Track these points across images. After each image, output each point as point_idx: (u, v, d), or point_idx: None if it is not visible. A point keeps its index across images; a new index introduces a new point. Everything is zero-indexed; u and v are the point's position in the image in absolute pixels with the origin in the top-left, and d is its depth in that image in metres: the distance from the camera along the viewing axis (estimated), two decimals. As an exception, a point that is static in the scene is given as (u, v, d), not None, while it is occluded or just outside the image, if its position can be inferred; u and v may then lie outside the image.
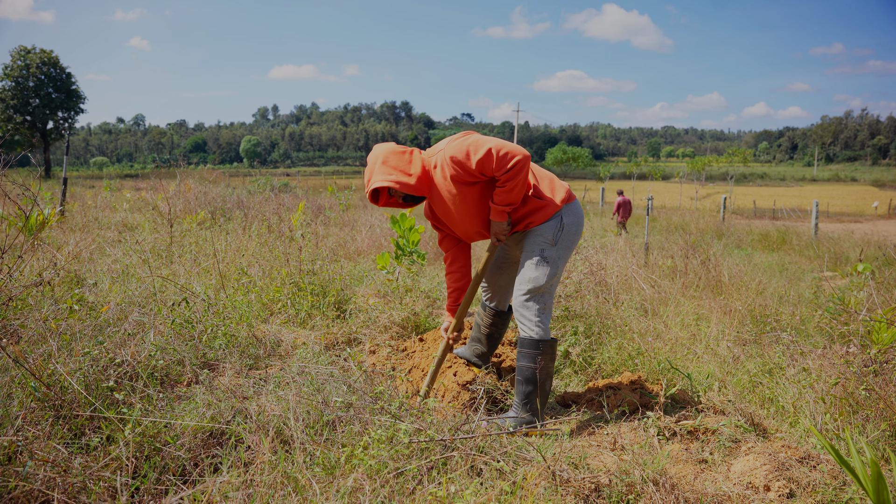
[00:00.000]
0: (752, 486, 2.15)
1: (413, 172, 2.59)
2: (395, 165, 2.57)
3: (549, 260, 2.61)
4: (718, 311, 4.19)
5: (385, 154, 2.60)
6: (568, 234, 2.63)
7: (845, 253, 9.41)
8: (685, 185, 47.10)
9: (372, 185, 2.56)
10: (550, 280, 2.61)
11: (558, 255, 2.62)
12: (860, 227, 18.32)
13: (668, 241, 8.46)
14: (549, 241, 2.61)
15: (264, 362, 3.00)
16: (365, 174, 2.66)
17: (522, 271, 2.64)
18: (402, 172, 2.57)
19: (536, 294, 2.61)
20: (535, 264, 2.61)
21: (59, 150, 48.22)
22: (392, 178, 2.54)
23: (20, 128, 43.23)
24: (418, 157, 2.65)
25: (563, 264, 2.67)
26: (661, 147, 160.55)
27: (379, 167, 2.57)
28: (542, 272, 2.60)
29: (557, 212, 2.62)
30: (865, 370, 2.67)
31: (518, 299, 2.65)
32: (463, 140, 2.54)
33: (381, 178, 2.55)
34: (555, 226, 2.61)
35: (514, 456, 2.11)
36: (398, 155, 2.61)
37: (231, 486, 1.84)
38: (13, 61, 43.63)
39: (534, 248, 2.63)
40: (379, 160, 2.59)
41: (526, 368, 2.60)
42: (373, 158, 2.62)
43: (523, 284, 2.62)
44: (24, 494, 1.75)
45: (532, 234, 2.65)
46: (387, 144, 2.66)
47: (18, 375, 2.14)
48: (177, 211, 7.12)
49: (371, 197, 2.67)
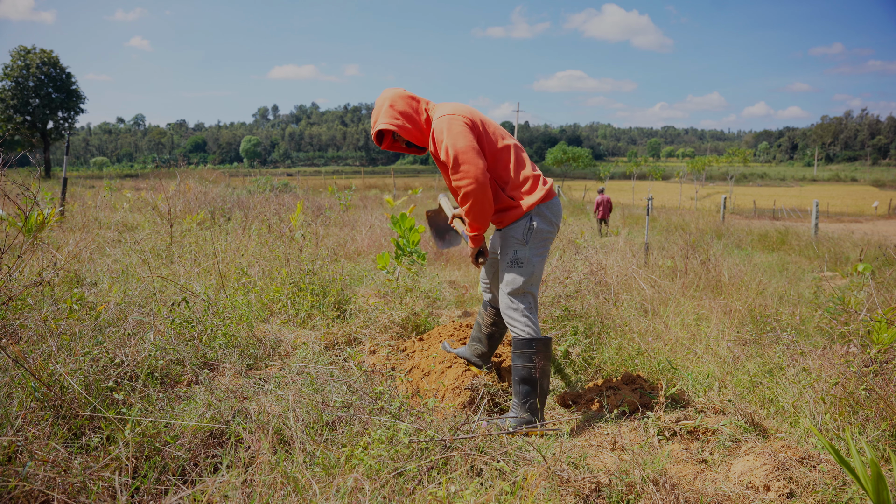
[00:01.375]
0: (752, 486, 2.15)
1: (419, 120, 2.61)
2: (401, 110, 2.59)
3: (523, 261, 2.62)
4: (718, 311, 4.19)
5: (394, 97, 2.62)
6: (539, 232, 2.63)
7: (845, 253, 9.41)
8: (685, 185, 47.08)
9: (377, 127, 2.59)
10: (528, 279, 2.62)
11: (531, 254, 2.63)
12: (860, 227, 18.32)
13: (668, 241, 8.46)
14: (521, 241, 2.62)
15: (264, 362, 3.00)
16: (372, 115, 2.67)
17: (502, 274, 2.68)
18: (407, 119, 2.59)
19: (518, 294, 2.63)
20: (510, 267, 2.63)
21: (59, 150, 48.20)
22: (398, 122, 2.56)
23: (20, 128, 43.22)
24: (424, 107, 2.66)
25: (541, 262, 2.66)
26: (661, 147, 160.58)
27: (386, 109, 2.58)
28: (518, 273, 2.62)
29: (527, 213, 2.62)
30: (865, 370, 2.67)
31: (503, 302, 2.67)
32: (449, 122, 2.52)
33: (386, 120, 2.57)
34: (524, 226, 2.62)
35: (514, 456, 2.11)
36: (406, 100, 2.63)
37: (231, 486, 1.84)
38: (13, 61, 43.62)
39: (507, 251, 2.65)
40: (387, 102, 2.60)
41: (522, 368, 2.60)
42: (381, 100, 2.63)
43: (504, 287, 2.65)
44: (24, 494, 1.75)
45: (504, 234, 2.68)
46: (396, 88, 2.67)
47: (18, 375, 2.14)
48: (177, 211, 7.12)
49: (375, 138, 2.70)
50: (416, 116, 2.61)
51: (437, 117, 2.57)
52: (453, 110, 2.58)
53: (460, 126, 2.52)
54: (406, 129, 2.58)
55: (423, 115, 2.63)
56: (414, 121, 2.60)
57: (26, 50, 44.01)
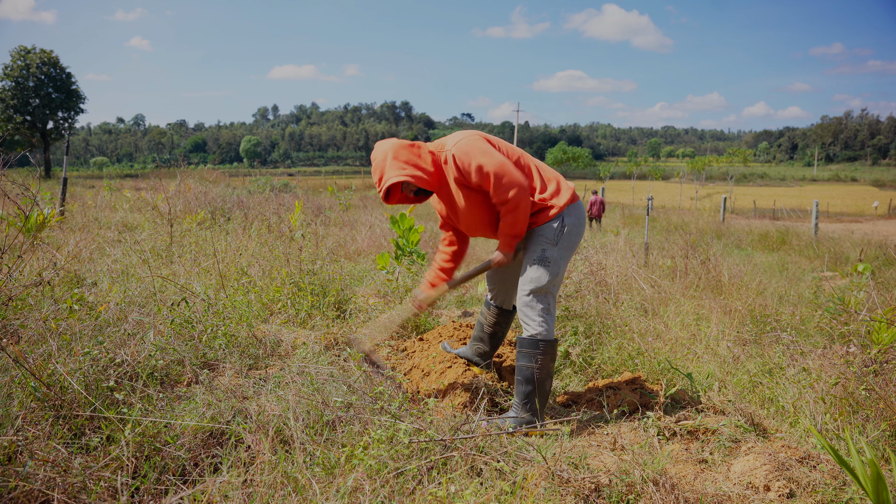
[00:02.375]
0: (752, 486, 2.15)
1: (426, 166, 2.58)
2: (406, 160, 2.55)
3: (550, 260, 2.61)
4: (718, 311, 4.19)
5: (395, 149, 2.57)
6: (569, 234, 2.63)
7: (845, 253, 9.42)
8: (685, 185, 47.08)
9: (387, 182, 2.51)
10: (553, 280, 2.61)
11: (559, 255, 2.62)
12: (860, 227, 18.33)
13: (668, 241, 8.46)
14: (551, 241, 2.62)
15: (264, 362, 3.00)
16: (374, 172, 2.60)
17: (525, 272, 2.65)
18: (415, 167, 2.55)
19: (539, 294, 2.61)
20: (536, 264, 2.61)
21: (59, 150, 48.19)
22: (406, 172, 2.52)
23: (20, 128, 43.21)
24: (427, 151, 2.64)
25: (565, 264, 2.67)
26: (661, 147, 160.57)
27: (391, 163, 2.53)
28: (544, 272, 2.60)
29: (560, 213, 2.62)
30: (865, 370, 2.67)
31: (522, 299, 2.65)
32: (469, 145, 2.53)
33: (395, 173, 2.51)
34: (556, 226, 2.62)
35: (514, 456, 2.11)
36: (407, 149, 2.60)
37: (231, 486, 1.84)
38: (13, 61, 43.60)
39: (535, 249, 2.63)
40: (389, 156, 2.55)
41: (525, 368, 2.60)
42: (381, 155, 2.57)
43: (526, 285, 2.63)
44: (24, 494, 1.75)
45: (534, 234, 2.66)
46: (391, 140, 2.62)
47: (18, 375, 2.14)
48: (177, 211, 7.12)
49: (384, 196, 2.63)
50: (420, 162, 2.58)
51: (451, 147, 2.56)
52: (464, 135, 2.58)
53: (483, 144, 2.53)
54: (417, 177, 2.54)
55: (426, 158, 2.60)
56: (420, 167, 2.57)
57: (26, 50, 44.00)
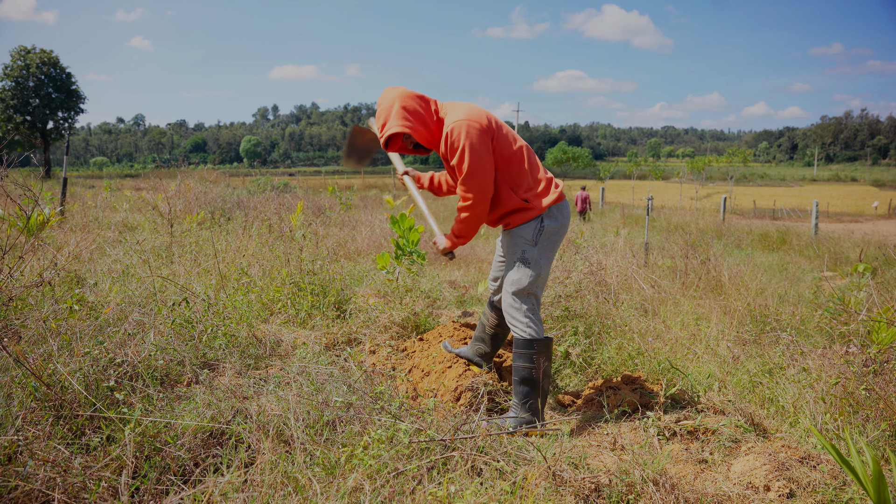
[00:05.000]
0: (752, 486, 2.15)
1: (429, 122, 2.54)
2: (413, 111, 2.50)
3: (530, 261, 2.60)
4: (718, 311, 4.19)
5: (402, 98, 2.51)
6: (548, 234, 2.62)
7: (845, 253, 9.41)
8: (685, 185, 47.05)
9: (390, 130, 2.47)
10: (534, 280, 2.61)
11: (539, 255, 2.62)
12: (860, 227, 18.31)
13: (668, 241, 8.46)
14: (530, 242, 2.61)
15: (264, 362, 3.00)
16: (378, 117, 2.55)
17: (507, 273, 2.66)
18: (418, 120, 2.51)
19: (522, 295, 2.62)
20: (516, 266, 2.62)
21: (59, 150, 48.17)
22: (409, 125, 2.48)
23: (20, 128, 43.18)
24: (434, 108, 2.59)
25: (548, 264, 2.65)
26: (661, 147, 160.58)
27: (397, 111, 2.48)
28: (524, 273, 2.60)
29: (539, 214, 2.61)
30: (865, 370, 2.67)
31: (506, 301, 2.66)
32: (468, 130, 2.47)
33: (398, 123, 2.47)
34: (534, 227, 2.60)
35: (515, 456, 2.11)
36: (415, 99, 2.54)
37: (231, 486, 1.84)
38: (13, 61, 43.56)
39: (515, 250, 2.64)
40: (397, 104, 2.49)
41: (522, 368, 2.60)
42: (388, 101, 2.51)
43: (509, 286, 2.64)
44: (24, 494, 1.75)
45: (513, 234, 2.66)
46: (400, 88, 2.56)
47: (19, 375, 2.14)
48: (177, 211, 7.12)
49: (384, 143, 2.60)
50: (426, 117, 2.53)
51: (452, 121, 2.50)
52: (468, 115, 2.50)
53: (477, 136, 2.47)
54: (418, 130, 2.49)
55: (433, 115, 2.55)
56: (425, 122, 2.52)
57: (26, 50, 43.96)
